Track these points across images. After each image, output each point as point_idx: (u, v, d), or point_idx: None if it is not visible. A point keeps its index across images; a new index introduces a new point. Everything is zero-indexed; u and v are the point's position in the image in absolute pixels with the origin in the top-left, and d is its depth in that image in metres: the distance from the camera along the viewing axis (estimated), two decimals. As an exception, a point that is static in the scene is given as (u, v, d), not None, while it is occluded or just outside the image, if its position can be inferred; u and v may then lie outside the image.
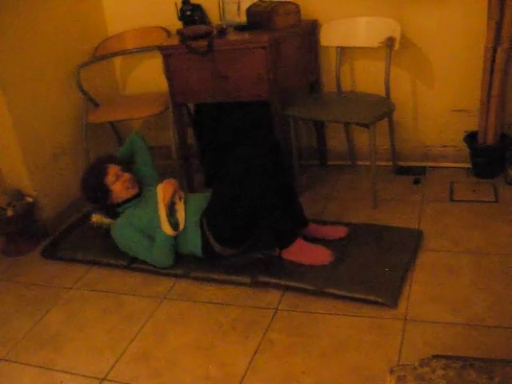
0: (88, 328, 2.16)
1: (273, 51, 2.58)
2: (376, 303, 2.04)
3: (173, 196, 2.41)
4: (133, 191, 2.50)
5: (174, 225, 2.36)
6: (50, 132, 2.91)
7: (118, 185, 2.46)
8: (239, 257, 2.38)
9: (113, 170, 2.48)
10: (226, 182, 2.31)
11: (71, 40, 3.08)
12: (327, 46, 2.94)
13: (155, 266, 2.40)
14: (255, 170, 2.20)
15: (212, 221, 2.31)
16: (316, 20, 2.92)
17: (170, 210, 2.39)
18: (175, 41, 2.78)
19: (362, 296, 2.07)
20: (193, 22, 2.98)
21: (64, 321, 2.22)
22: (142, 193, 2.54)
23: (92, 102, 3.14)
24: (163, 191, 2.41)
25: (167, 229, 2.32)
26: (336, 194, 2.91)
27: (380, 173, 2.99)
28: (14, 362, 2.03)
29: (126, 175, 2.50)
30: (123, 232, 2.43)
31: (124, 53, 3.28)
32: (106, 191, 2.46)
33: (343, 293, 2.10)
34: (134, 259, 2.46)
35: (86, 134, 3.04)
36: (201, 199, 2.45)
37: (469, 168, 2.93)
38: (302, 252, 2.28)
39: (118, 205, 2.49)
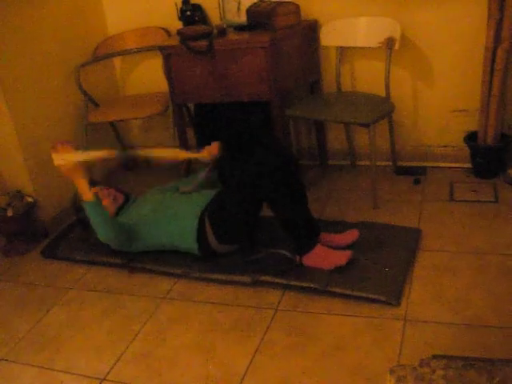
0: (88, 328, 2.16)
1: (273, 51, 2.58)
2: (379, 302, 2.04)
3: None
4: (120, 200, 2.59)
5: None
6: (51, 132, 2.91)
7: (104, 202, 2.46)
8: (262, 252, 2.37)
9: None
10: (238, 183, 2.29)
11: (71, 40, 3.08)
12: (327, 46, 2.94)
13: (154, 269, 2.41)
14: (272, 174, 2.16)
15: (216, 218, 2.29)
16: (316, 20, 2.92)
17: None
18: (175, 41, 2.78)
19: (365, 295, 2.07)
20: (193, 22, 2.98)
21: (64, 321, 2.22)
22: (130, 198, 2.64)
23: (92, 102, 3.14)
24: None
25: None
26: (336, 194, 2.91)
27: (380, 173, 2.99)
28: (14, 362, 2.03)
29: (109, 190, 2.57)
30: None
31: (124, 53, 3.28)
32: None
33: (346, 291, 2.10)
34: (132, 257, 2.47)
35: (86, 134, 3.04)
36: (203, 196, 2.43)
37: (469, 168, 2.93)
38: (323, 257, 2.24)
39: (117, 215, 2.53)
